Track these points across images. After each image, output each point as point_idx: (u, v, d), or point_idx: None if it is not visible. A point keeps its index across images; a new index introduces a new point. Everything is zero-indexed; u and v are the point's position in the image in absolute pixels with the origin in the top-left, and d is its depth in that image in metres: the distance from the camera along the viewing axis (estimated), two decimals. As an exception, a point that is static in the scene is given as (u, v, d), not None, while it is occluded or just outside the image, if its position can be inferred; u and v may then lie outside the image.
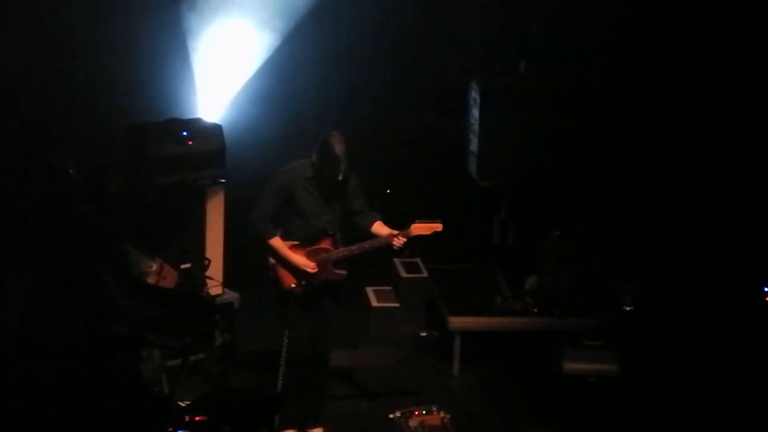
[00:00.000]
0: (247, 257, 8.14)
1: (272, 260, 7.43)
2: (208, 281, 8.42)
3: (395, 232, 7.36)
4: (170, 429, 6.50)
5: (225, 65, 9.28)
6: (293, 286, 7.35)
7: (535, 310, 8.80)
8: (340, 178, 7.26)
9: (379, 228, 7.44)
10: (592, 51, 9.41)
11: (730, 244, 8.87)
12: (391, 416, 7.26)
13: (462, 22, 9.95)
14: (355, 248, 7.41)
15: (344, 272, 7.43)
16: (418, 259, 9.67)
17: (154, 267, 7.96)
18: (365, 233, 7.47)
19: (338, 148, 7.21)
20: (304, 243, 7.39)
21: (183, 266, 8.29)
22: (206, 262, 8.43)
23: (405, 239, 7.36)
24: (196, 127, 8.69)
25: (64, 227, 7.85)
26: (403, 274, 9.49)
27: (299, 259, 7.35)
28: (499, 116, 9.01)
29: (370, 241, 7.42)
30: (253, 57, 9.49)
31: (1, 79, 8.56)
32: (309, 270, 7.33)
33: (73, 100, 8.91)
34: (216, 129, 8.73)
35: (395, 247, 7.39)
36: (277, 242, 7.37)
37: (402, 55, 10.05)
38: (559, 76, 9.34)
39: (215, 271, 8.54)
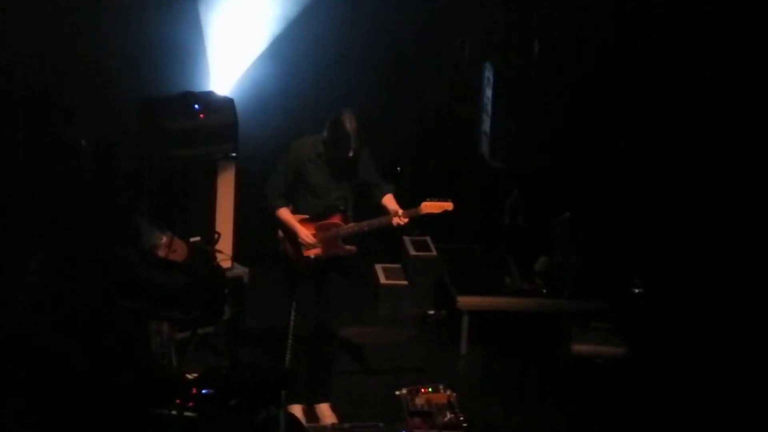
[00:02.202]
0: (258, 232, 8.14)
1: (281, 234, 7.44)
2: (218, 255, 8.44)
3: (400, 210, 7.35)
4: (178, 401, 6.52)
5: (238, 38, 9.26)
6: (301, 260, 7.35)
7: (544, 291, 8.80)
8: (351, 155, 7.25)
9: (388, 201, 7.44)
10: (607, 32, 9.37)
11: (743, 230, 8.84)
12: (397, 393, 7.28)
13: (478, 2, 9.91)
14: (364, 225, 7.41)
15: (353, 248, 7.43)
16: (427, 238, 9.67)
17: (165, 240, 7.97)
18: (376, 205, 7.48)
19: (349, 125, 7.20)
20: (315, 218, 7.39)
21: (193, 240, 8.30)
22: (216, 235, 8.44)
23: (406, 219, 7.34)
24: (208, 100, 8.68)
25: (82, 200, 7.87)
26: (412, 253, 9.49)
27: (304, 232, 7.35)
28: (512, 97, 9.00)
29: (379, 218, 7.42)
30: (267, 30, 9.47)
31: (15, 53, 8.55)
32: (312, 242, 7.32)
33: (86, 74, 8.90)
34: (228, 103, 8.72)
35: (395, 226, 7.36)
36: (284, 213, 7.39)
37: (416, 33, 10.02)
38: (572, 57, 9.32)
39: (225, 245, 8.53)
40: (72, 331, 6.66)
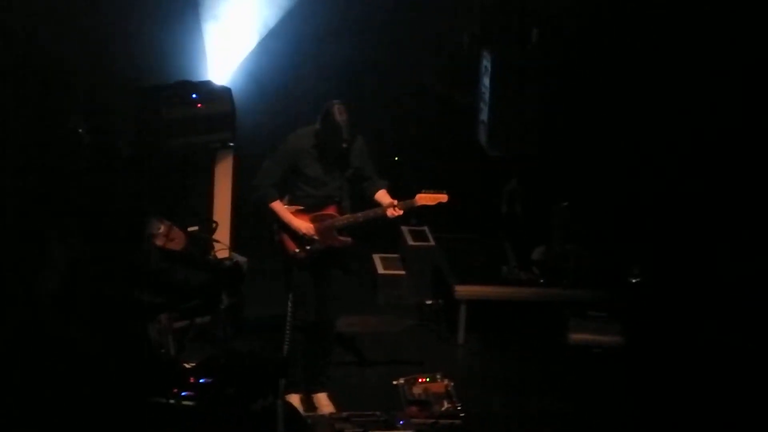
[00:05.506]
0: (255, 221, 8.13)
1: (276, 225, 7.43)
2: (216, 244, 8.45)
3: (395, 202, 7.34)
4: (175, 390, 6.53)
5: (235, 27, 9.25)
6: (297, 251, 7.34)
7: (542, 281, 8.80)
8: (344, 145, 7.23)
9: (382, 196, 7.42)
10: (606, 20, 9.35)
11: (742, 218, 8.83)
12: (395, 383, 7.29)
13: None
14: (359, 216, 7.40)
15: (349, 239, 7.41)
16: (425, 228, 9.67)
17: (162, 229, 7.99)
18: (369, 200, 7.47)
19: (339, 117, 7.17)
20: (311, 209, 7.38)
21: (190, 229, 8.31)
22: (214, 225, 8.45)
23: (401, 211, 7.34)
24: (205, 90, 8.68)
25: (89, 191, 7.87)
26: (410, 242, 9.49)
27: (299, 223, 7.34)
28: (510, 85, 8.98)
29: (374, 209, 7.41)
30: (264, 19, 9.46)
31: (14, 44, 8.54)
32: (308, 234, 7.31)
33: (84, 63, 8.88)
34: (225, 92, 8.72)
35: (391, 218, 7.36)
36: (277, 206, 7.36)
37: (414, 22, 10.00)
38: (571, 45, 9.30)
39: (222, 234, 8.56)
40: (90, 323, 6.68)
